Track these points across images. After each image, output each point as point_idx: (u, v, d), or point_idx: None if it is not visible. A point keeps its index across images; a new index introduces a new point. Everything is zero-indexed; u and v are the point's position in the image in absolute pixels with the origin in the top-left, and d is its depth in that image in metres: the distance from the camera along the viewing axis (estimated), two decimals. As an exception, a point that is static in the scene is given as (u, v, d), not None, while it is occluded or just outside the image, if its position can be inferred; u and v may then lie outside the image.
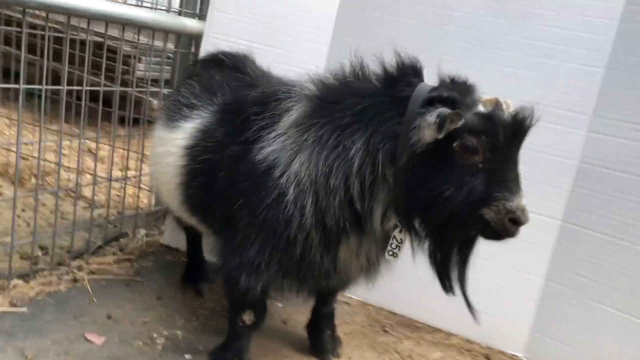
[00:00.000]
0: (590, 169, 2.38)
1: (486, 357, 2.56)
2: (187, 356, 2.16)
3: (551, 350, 2.50)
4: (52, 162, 3.37)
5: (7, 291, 2.29)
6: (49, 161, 3.43)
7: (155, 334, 2.26)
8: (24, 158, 3.55)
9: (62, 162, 2.75)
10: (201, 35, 2.88)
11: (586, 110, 2.39)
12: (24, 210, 3.09)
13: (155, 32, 2.82)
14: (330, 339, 2.30)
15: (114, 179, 2.91)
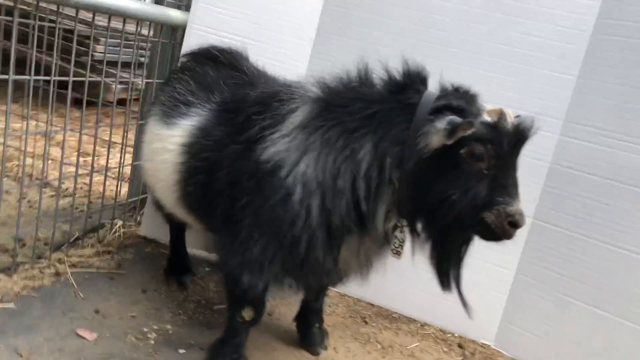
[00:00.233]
0: (562, 170, 2.54)
1: (459, 345, 2.71)
2: (180, 350, 2.18)
3: (520, 339, 2.66)
4: (18, 149, 3.27)
5: (-10, 287, 2.24)
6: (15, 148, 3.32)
7: (145, 329, 2.27)
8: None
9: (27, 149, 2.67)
10: (184, 26, 2.86)
11: (559, 115, 2.55)
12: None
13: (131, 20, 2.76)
14: (319, 331, 2.37)
15: (96, 170, 2.85)
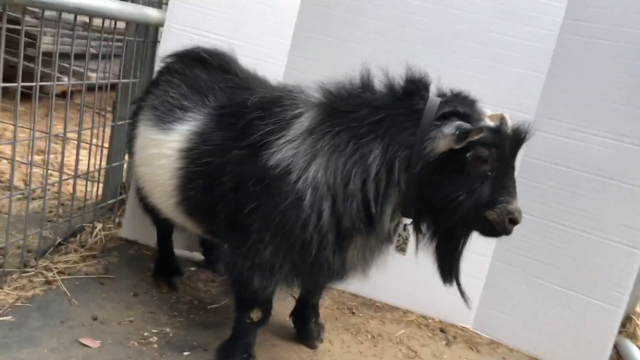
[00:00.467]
0: (534, 163, 2.70)
1: (441, 330, 2.86)
2: (185, 353, 2.21)
3: (497, 321, 2.84)
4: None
5: (-17, 300, 2.19)
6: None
7: (146, 333, 2.28)
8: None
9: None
10: (160, 24, 2.82)
11: (530, 111, 2.70)
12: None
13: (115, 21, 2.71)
14: (315, 326, 2.45)
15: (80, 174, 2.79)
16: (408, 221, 1.96)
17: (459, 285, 2.00)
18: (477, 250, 2.81)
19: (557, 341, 2.71)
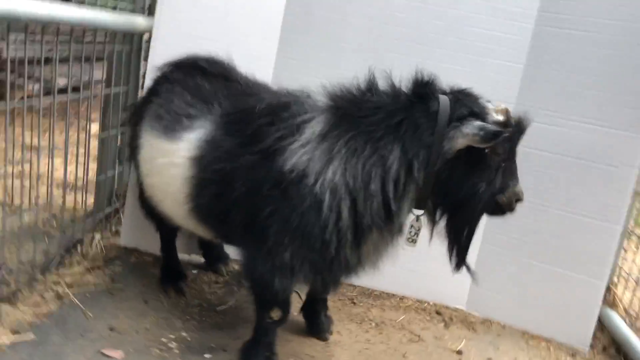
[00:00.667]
0: (518, 150, 2.85)
1: (437, 312, 3.01)
2: (206, 355, 2.28)
3: (488, 300, 3.01)
4: None
5: (1, 319, 2.18)
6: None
7: (164, 339, 2.34)
8: None
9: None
10: (147, 31, 2.84)
11: (510, 100, 2.84)
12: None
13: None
14: (325, 319, 2.55)
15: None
16: (419, 212, 2.07)
17: (467, 265, 2.14)
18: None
19: (546, 315, 2.90)
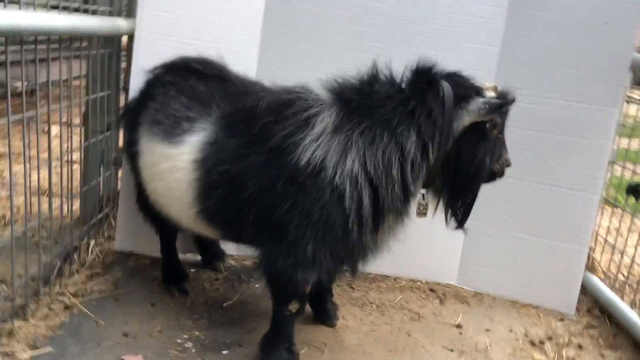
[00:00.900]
0: (497, 128, 2.99)
1: (431, 290, 3.13)
2: (224, 352, 2.32)
3: (478, 274, 3.15)
4: None
5: (16, 335, 2.17)
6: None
7: (179, 340, 2.37)
8: None
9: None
10: (129, 34, 2.81)
11: (488, 81, 2.95)
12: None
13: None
14: (332, 305, 2.63)
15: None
16: (423, 191, 2.17)
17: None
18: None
19: (533, 284, 3.06)
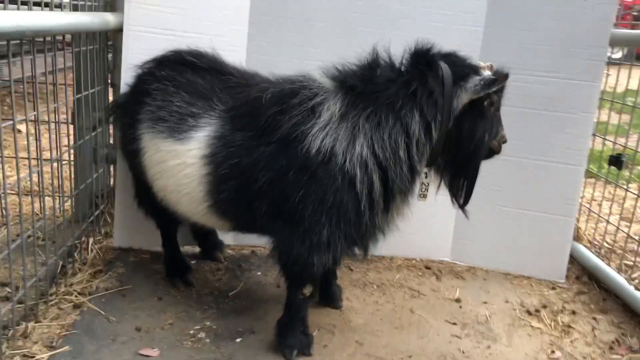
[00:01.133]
0: (484, 107, 3.07)
1: (426, 267, 3.22)
2: (237, 340, 2.37)
3: (470, 249, 3.26)
4: None
5: (31, 337, 2.17)
6: None
7: (191, 331, 2.40)
8: None
9: None
10: (117, 28, 2.78)
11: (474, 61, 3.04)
12: None
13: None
14: (337, 288, 2.69)
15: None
16: (425, 170, 2.24)
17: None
18: (445, 192, 3.19)
19: (524, 256, 3.18)
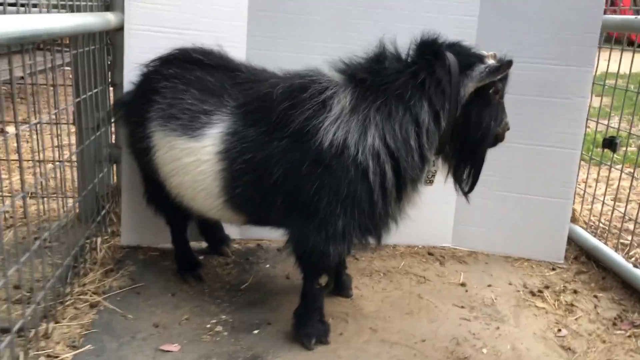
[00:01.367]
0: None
1: (429, 253, 3.29)
2: (255, 331, 2.41)
3: (471, 234, 3.33)
4: None
5: (52, 337, 2.19)
6: None
7: (208, 325, 2.43)
8: None
9: None
10: (118, 27, 2.79)
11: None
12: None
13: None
14: (347, 277, 2.75)
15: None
16: (433, 158, 2.28)
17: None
18: (441, 178, 3.26)
19: (524, 238, 3.27)
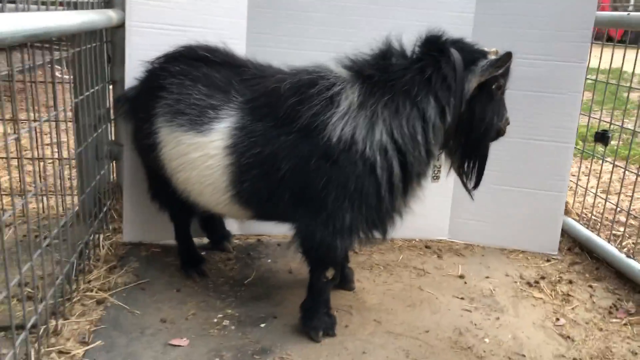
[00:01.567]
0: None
1: (426, 246, 3.35)
2: (262, 325, 2.44)
3: (467, 227, 3.40)
4: None
5: (62, 333, 2.20)
6: None
7: (215, 320, 2.46)
8: None
9: None
10: (120, 25, 2.79)
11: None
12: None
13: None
14: (349, 271, 2.78)
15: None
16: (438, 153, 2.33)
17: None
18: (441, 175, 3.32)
19: (519, 231, 3.34)
